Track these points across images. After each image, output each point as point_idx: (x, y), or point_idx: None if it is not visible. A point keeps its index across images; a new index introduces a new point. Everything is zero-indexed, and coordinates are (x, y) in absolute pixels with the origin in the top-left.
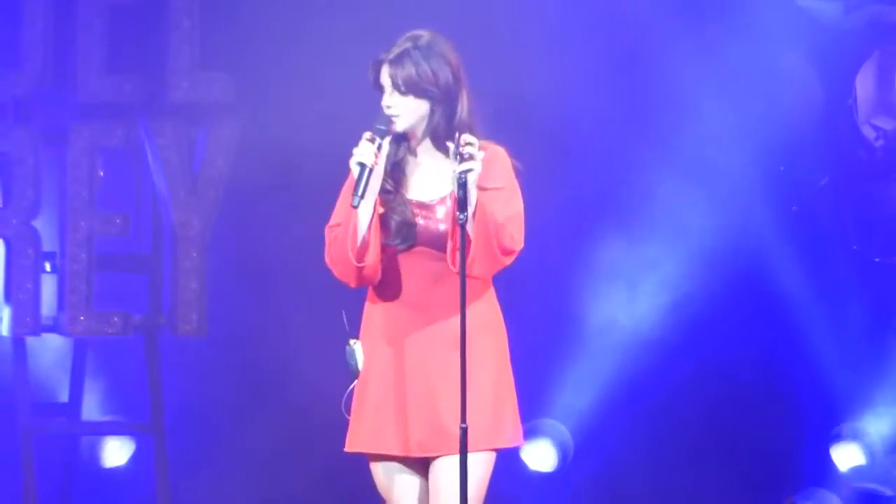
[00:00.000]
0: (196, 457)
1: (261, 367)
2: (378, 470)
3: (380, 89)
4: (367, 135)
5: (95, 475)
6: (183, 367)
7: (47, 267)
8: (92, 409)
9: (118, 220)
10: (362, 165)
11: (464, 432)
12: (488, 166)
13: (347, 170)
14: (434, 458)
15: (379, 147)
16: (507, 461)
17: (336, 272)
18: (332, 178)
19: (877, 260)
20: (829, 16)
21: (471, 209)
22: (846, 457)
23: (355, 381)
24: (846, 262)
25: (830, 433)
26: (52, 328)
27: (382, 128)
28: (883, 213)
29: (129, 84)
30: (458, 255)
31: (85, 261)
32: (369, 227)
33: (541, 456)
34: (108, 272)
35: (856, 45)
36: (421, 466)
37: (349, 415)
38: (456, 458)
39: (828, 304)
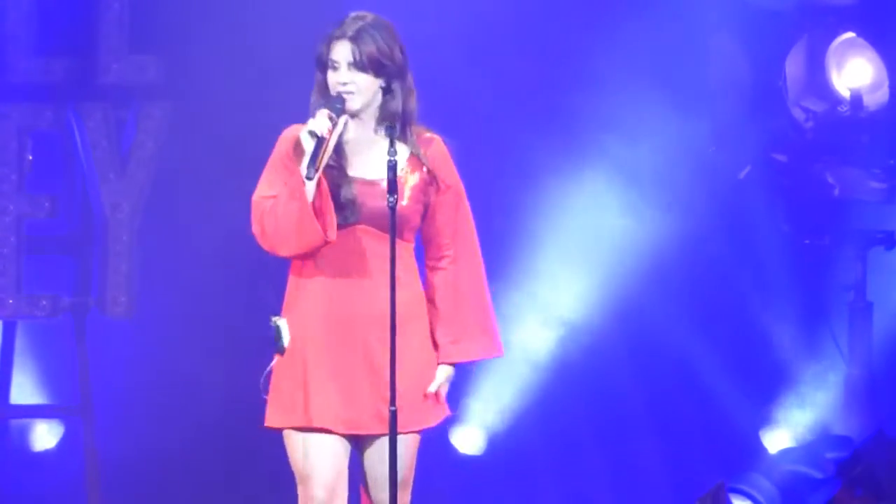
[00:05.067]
0: (125, 439)
1: (190, 348)
2: (299, 446)
3: (326, 66)
4: (325, 111)
5: (24, 458)
6: (112, 349)
7: None
8: (21, 392)
9: (47, 203)
10: (315, 135)
11: (393, 415)
12: (441, 162)
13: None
14: (368, 437)
15: (334, 122)
16: (436, 444)
17: (272, 242)
18: (262, 159)
19: (807, 242)
20: None
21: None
22: (776, 440)
23: (276, 360)
24: (776, 244)
25: (760, 416)
26: None
27: (339, 106)
28: (812, 195)
29: (58, 66)
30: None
31: (14, 243)
32: (323, 199)
33: (469, 439)
34: (37, 255)
35: (786, 27)
36: (347, 444)
37: (266, 394)
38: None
39: (758, 285)
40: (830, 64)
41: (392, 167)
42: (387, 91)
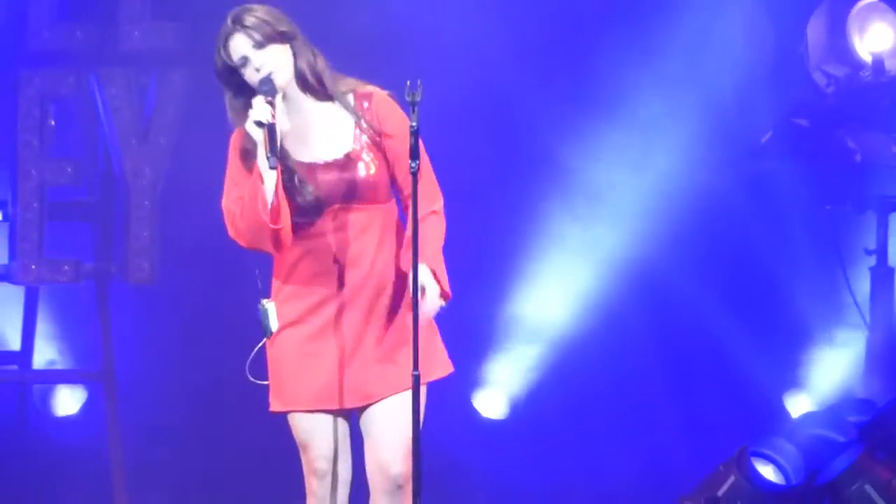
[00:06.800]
0: (147, 405)
1: (212, 315)
2: (300, 422)
3: (232, 75)
4: (259, 98)
5: (47, 423)
6: (134, 315)
7: None
8: (43, 357)
9: (69, 169)
10: (262, 124)
11: (416, 379)
12: (384, 113)
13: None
14: (368, 405)
15: (273, 105)
16: (459, 408)
17: (248, 241)
18: None
19: (828, 207)
20: None
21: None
22: (798, 404)
23: (264, 342)
24: (797, 209)
25: (782, 380)
26: (4, 277)
27: (267, 87)
28: (834, 160)
29: (80, 32)
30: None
31: (37, 209)
32: (276, 188)
33: (492, 403)
34: (59, 220)
35: None
36: (345, 413)
37: (262, 379)
38: (393, 400)
39: (780, 251)
40: (852, 28)
41: (414, 133)
42: (293, 58)
